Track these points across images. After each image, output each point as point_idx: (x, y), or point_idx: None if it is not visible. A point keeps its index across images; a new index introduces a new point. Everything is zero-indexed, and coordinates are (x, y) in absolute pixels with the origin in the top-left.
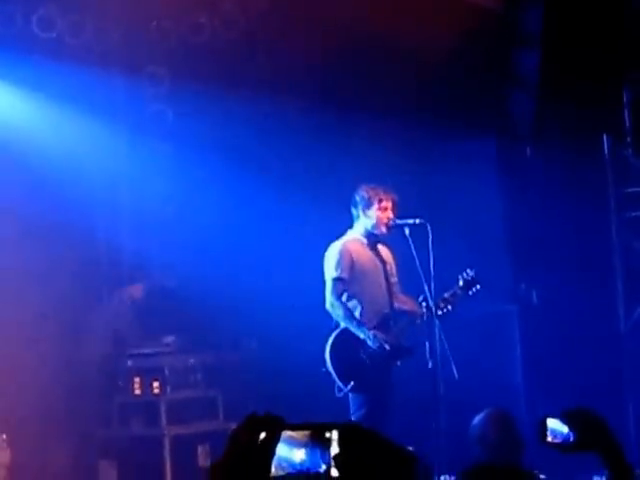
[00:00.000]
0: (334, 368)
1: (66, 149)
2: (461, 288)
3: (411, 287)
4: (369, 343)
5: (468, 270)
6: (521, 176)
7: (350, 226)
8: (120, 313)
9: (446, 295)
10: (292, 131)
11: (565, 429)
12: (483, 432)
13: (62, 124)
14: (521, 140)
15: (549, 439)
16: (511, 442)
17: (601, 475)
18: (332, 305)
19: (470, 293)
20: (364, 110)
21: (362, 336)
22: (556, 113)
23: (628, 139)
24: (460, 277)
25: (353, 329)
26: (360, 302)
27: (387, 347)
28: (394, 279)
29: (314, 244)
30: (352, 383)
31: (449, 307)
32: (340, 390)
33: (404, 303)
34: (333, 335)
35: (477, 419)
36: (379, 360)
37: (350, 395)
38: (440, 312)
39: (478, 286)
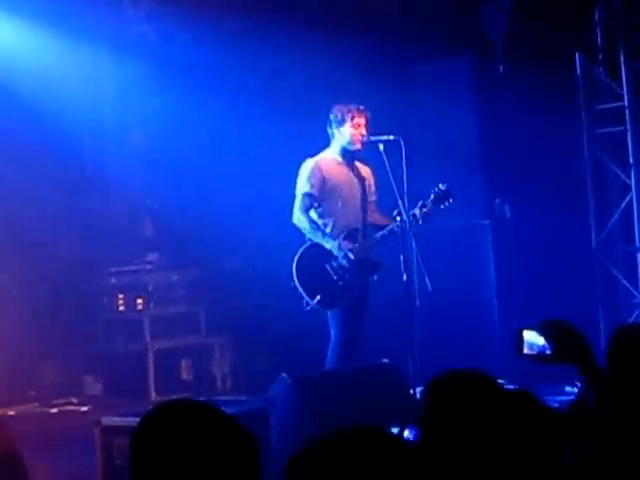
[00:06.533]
0: (300, 282)
1: (50, 72)
2: (433, 202)
3: (385, 203)
4: (335, 252)
5: (440, 185)
6: (494, 93)
7: (327, 145)
8: None
9: (416, 209)
10: (272, 51)
11: (541, 341)
12: None
13: (45, 47)
14: (494, 58)
15: (525, 351)
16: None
17: (573, 386)
18: (298, 219)
19: (442, 207)
20: (339, 30)
21: (328, 246)
22: (529, 31)
23: (600, 57)
24: (432, 191)
25: (318, 240)
26: (332, 219)
27: (352, 256)
28: (372, 197)
29: (294, 163)
30: (318, 297)
31: (420, 222)
32: (307, 304)
33: (377, 220)
34: (300, 250)
35: None
36: (347, 273)
37: (328, 312)
38: (411, 225)
39: (451, 199)
